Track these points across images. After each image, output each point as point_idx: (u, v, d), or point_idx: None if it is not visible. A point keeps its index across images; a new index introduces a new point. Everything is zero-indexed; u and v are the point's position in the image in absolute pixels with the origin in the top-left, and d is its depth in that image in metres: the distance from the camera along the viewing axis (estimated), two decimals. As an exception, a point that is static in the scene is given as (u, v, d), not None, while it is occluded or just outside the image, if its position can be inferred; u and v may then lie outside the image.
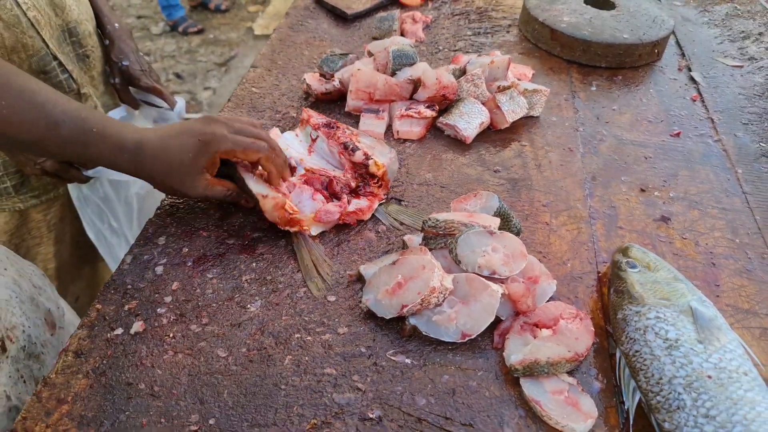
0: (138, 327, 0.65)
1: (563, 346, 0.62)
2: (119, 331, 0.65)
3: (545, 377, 0.61)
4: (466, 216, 0.72)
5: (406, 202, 0.84)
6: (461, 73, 1.00)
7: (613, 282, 0.68)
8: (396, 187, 0.86)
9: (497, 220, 0.72)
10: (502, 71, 1.01)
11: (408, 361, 0.63)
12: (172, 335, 0.65)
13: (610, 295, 0.68)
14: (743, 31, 1.32)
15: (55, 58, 0.97)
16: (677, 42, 1.28)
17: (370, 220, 0.80)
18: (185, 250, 0.75)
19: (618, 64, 1.16)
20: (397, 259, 0.69)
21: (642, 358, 0.59)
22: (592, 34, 1.15)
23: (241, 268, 0.73)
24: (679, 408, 0.55)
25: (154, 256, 0.74)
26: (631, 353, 0.61)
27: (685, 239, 0.80)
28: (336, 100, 1.03)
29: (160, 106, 1.10)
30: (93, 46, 1.08)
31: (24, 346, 0.67)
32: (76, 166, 0.99)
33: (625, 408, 0.59)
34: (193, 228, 0.78)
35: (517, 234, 0.75)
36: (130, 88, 1.11)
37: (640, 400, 0.58)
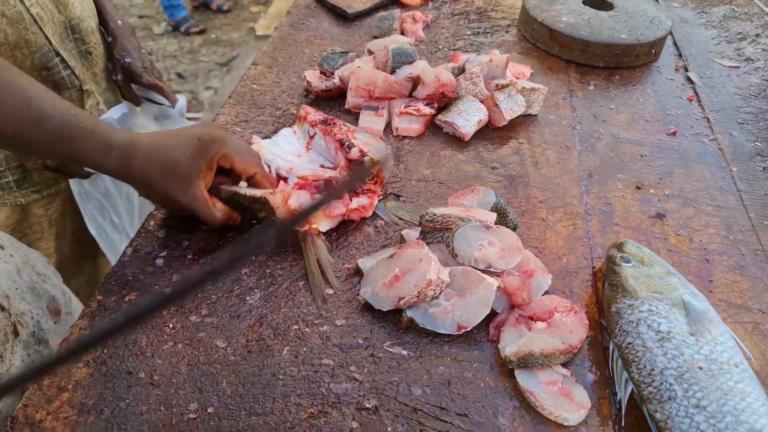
0: (138, 317, 0.66)
1: (557, 339, 0.63)
2: (120, 321, 0.65)
3: (539, 369, 0.62)
4: (463, 211, 0.73)
5: (405, 197, 0.85)
6: (460, 71, 1.02)
7: (608, 276, 0.69)
8: (395, 183, 0.87)
9: (494, 215, 0.73)
10: (501, 70, 1.02)
11: (404, 352, 0.64)
12: (171, 326, 0.66)
13: (605, 289, 0.69)
14: (740, 33, 1.33)
15: (58, 54, 0.99)
16: (675, 43, 1.29)
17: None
18: (185, 242, 0.76)
19: (616, 64, 1.17)
20: (394, 252, 0.70)
21: (635, 350, 0.60)
22: (590, 34, 1.16)
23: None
24: (670, 398, 0.56)
25: (155, 249, 0.75)
26: (623, 345, 0.61)
27: (680, 236, 0.81)
28: (336, 98, 1.04)
29: (161, 104, 1.11)
30: (95, 43, 1.09)
31: (33, 332, 0.68)
32: (78, 161, 0.99)
33: (618, 399, 0.60)
34: (193, 221, 0.79)
35: (514, 229, 0.75)
36: (132, 85, 1.12)
37: (632, 391, 0.59)
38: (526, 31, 1.25)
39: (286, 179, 0.82)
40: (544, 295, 0.70)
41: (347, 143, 0.83)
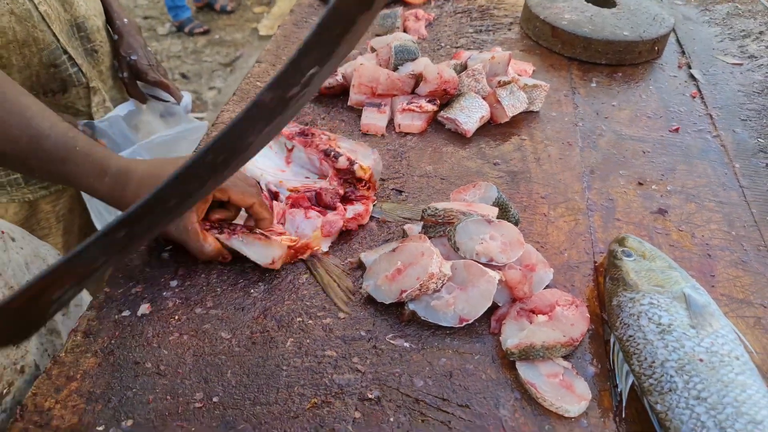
0: (145, 309, 0.67)
1: (558, 331, 0.64)
2: (126, 312, 0.66)
3: (540, 361, 0.62)
4: (465, 205, 0.74)
5: (407, 193, 0.85)
6: (462, 68, 1.02)
7: (609, 270, 0.70)
8: (397, 178, 0.88)
9: (495, 210, 0.74)
10: (503, 67, 1.02)
11: (406, 344, 0.65)
12: (177, 317, 0.66)
13: (606, 283, 0.69)
14: (744, 30, 1.33)
15: (65, 51, 1.00)
16: (677, 40, 1.29)
17: (371, 211, 0.82)
18: (191, 237, 0.77)
19: (618, 61, 1.17)
20: (396, 246, 0.70)
21: (635, 342, 0.61)
22: (592, 31, 1.16)
23: (245, 254, 0.75)
24: (671, 390, 0.56)
25: (161, 243, 0.75)
26: (624, 338, 0.62)
27: (682, 231, 0.81)
28: (339, 95, 1.05)
29: (167, 101, 1.13)
30: (101, 42, 1.10)
31: None
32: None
33: (619, 391, 0.60)
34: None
35: (516, 224, 0.76)
36: (138, 82, 1.13)
37: (633, 383, 0.60)
38: (529, 28, 1.25)
39: (277, 194, 0.80)
40: (545, 288, 0.70)
41: (333, 153, 0.81)
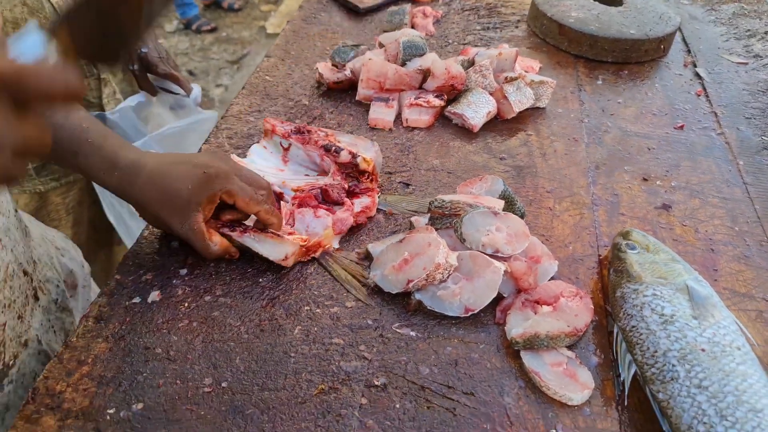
0: (155, 296, 0.68)
1: (563, 322, 0.64)
2: (137, 299, 0.68)
3: (545, 350, 0.63)
4: (471, 198, 0.75)
5: (414, 186, 0.86)
6: (469, 64, 1.03)
7: (613, 263, 0.71)
8: (404, 172, 0.89)
9: (501, 202, 0.74)
10: (510, 63, 1.03)
11: (413, 333, 0.66)
12: (186, 305, 0.67)
13: (610, 275, 0.70)
14: (749, 30, 1.34)
15: (77, 44, 1.01)
16: (683, 39, 1.30)
17: (377, 204, 0.83)
18: (200, 227, 0.78)
19: (624, 59, 1.18)
20: (403, 237, 0.71)
21: (638, 332, 0.61)
22: (599, 29, 1.17)
23: (253, 244, 0.76)
24: (673, 379, 0.57)
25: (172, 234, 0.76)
26: (627, 328, 0.63)
27: (686, 226, 0.82)
28: (347, 90, 1.06)
29: (177, 93, 1.14)
30: (112, 35, 1.11)
31: (56, 299, 0.70)
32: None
33: (621, 380, 0.61)
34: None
35: (521, 217, 0.77)
36: (148, 75, 1.14)
37: (635, 372, 0.60)
38: (536, 26, 1.26)
39: (281, 195, 0.80)
40: (550, 280, 0.71)
41: (334, 148, 0.81)
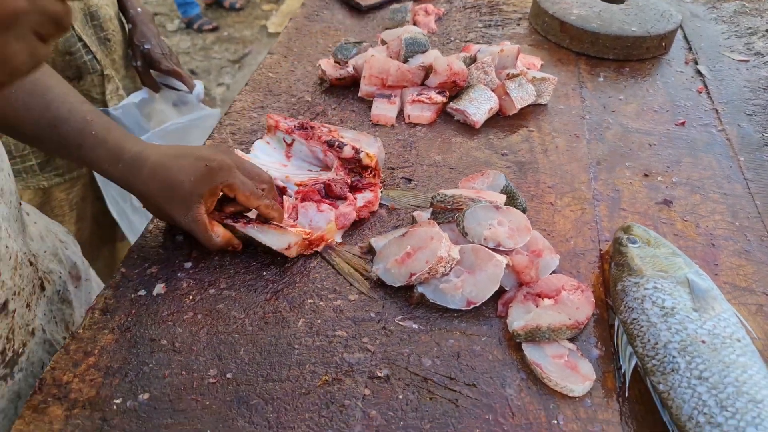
0: (160, 289, 0.68)
1: (564, 315, 0.65)
2: (142, 292, 0.68)
3: (546, 343, 0.64)
4: (473, 192, 0.75)
5: (416, 181, 0.87)
6: (471, 61, 1.04)
7: (614, 257, 0.71)
8: (406, 167, 0.89)
9: (503, 197, 0.75)
10: (512, 60, 1.04)
11: (415, 326, 0.66)
12: (191, 297, 0.68)
13: (611, 269, 0.71)
14: (750, 28, 1.34)
15: (80, 39, 1.02)
16: (685, 36, 1.30)
17: (380, 198, 0.83)
18: (204, 221, 0.78)
19: (626, 56, 1.18)
20: (406, 231, 0.72)
21: (639, 325, 0.62)
22: (600, 26, 1.17)
23: (257, 238, 0.76)
24: (673, 370, 0.57)
25: (174, 226, 0.77)
26: (628, 321, 0.63)
27: (686, 221, 0.83)
28: (349, 86, 1.06)
29: (179, 89, 1.14)
30: (114, 30, 1.12)
31: (59, 291, 0.71)
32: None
33: (622, 372, 0.61)
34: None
35: (523, 212, 0.77)
36: (151, 71, 1.15)
37: (636, 364, 0.61)
38: (537, 23, 1.27)
39: (284, 189, 0.81)
40: (551, 274, 0.72)
41: (337, 143, 0.82)
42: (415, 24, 1.27)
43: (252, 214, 0.74)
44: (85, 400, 0.57)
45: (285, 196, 0.79)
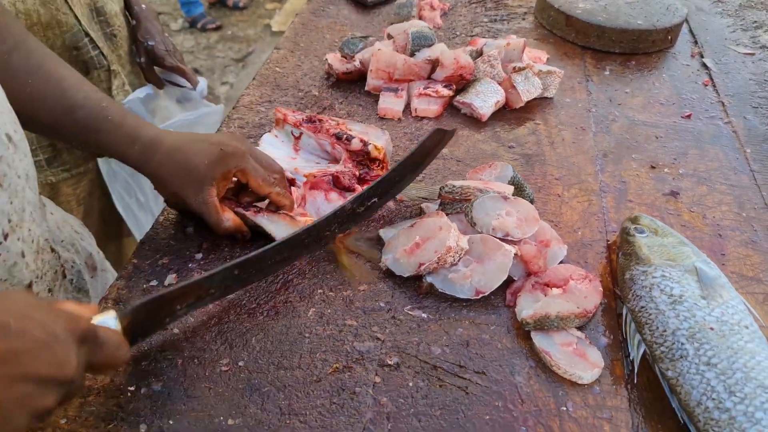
0: (171, 279, 0.69)
1: (572, 303, 0.65)
2: (154, 282, 0.69)
3: (555, 331, 0.64)
4: (481, 183, 0.76)
5: (423, 174, 0.87)
6: (478, 54, 1.04)
7: (622, 246, 0.71)
8: (413, 160, 0.90)
9: (511, 188, 0.75)
10: (518, 53, 1.04)
11: (424, 315, 0.67)
12: (202, 288, 0.69)
13: (619, 259, 0.71)
14: (756, 21, 1.34)
15: (87, 34, 1.02)
16: (690, 30, 1.30)
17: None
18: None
19: (631, 49, 1.18)
20: (415, 222, 0.73)
21: (647, 313, 0.62)
22: (606, 20, 1.18)
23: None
24: (682, 357, 0.58)
25: (184, 219, 0.78)
26: (637, 309, 0.64)
27: (693, 212, 0.83)
28: (356, 80, 1.07)
29: (183, 86, 1.15)
30: (120, 26, 1.12)
31: (72, 280, 0.72)
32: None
33: (631, 359, 0.62)
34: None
35: (530, 203, 0.78)
36: (155, 67, 1.15)
37: (644, 352, 0.61)
38: (543, 17, 1.27)
39: (293, 180, 0.81)
40: (559, 264, 0.72)
41: (345, 136, 0.82)
42: (420, 19, 1.27)
43: (263, 205, 0.75)
44: (100, 387, 0.58)
45: (293, 187, 0.80)
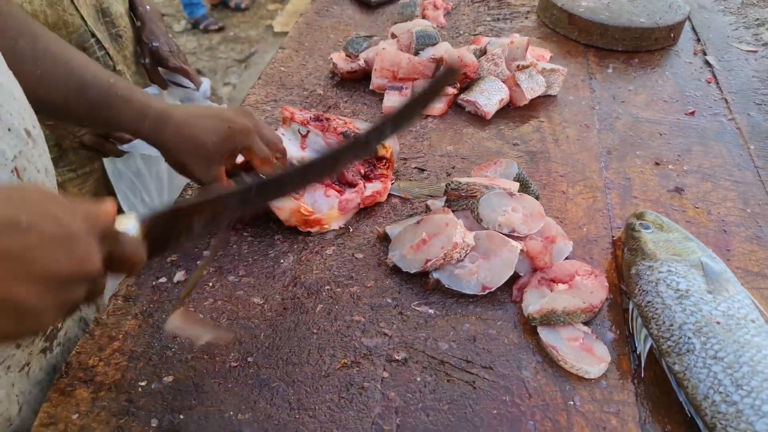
0: (180, 276, 0.70)
1: (578, 299, 0.66)
2: (163, 279, 0.69)
3: (561, 326, 0.64)
4: (487, 180, 0.76)
5: (428, 171, 0.88)
6: (481, 53, 1.04)
7: (627, 242, 0.72)
8: (419, 158, 0.90)
9: (517, 184, 0.76)
10: (521, 51, 1.04)
11: (431, 311, 0.67)
12: (211, 284, 0.69)
13: (624, 254, 0.71)
14: (758, 19, 1.35)
15: (93, 35, 1.03)
16: (693, 28, 1.31)
17: (394, 188, 0.84)
18: (221, 211, 0.79)
19: (634, 47, 1.19)
20: (421, 218, 0.73)
21: (654, 307, 0.63)
22: (609, 18, 1.18)
23: (273, 227, 0.77)
24: (688, 351, 0.58)
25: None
26: (643, 304, 0.64)
27: (698, 208, 0.83)
28: (361, 79, 1.07)
29: (186, 87, 1.16)
30: (125, 27, 1.13)
31: None
32: (112, 140, 1.04)
33: (637, 354, 0.62)
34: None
35: (536, 200, 0.78)
36: (159, 68, 1.16)
37: (651, 346, 0.62)
38: (546, 16, 1.27)
39: None
40: (565, 260, 0.72)
41: (352, 135, 0.83)
42: (424, 18, 1.28)
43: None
44: (111, 382, 0.59)
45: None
